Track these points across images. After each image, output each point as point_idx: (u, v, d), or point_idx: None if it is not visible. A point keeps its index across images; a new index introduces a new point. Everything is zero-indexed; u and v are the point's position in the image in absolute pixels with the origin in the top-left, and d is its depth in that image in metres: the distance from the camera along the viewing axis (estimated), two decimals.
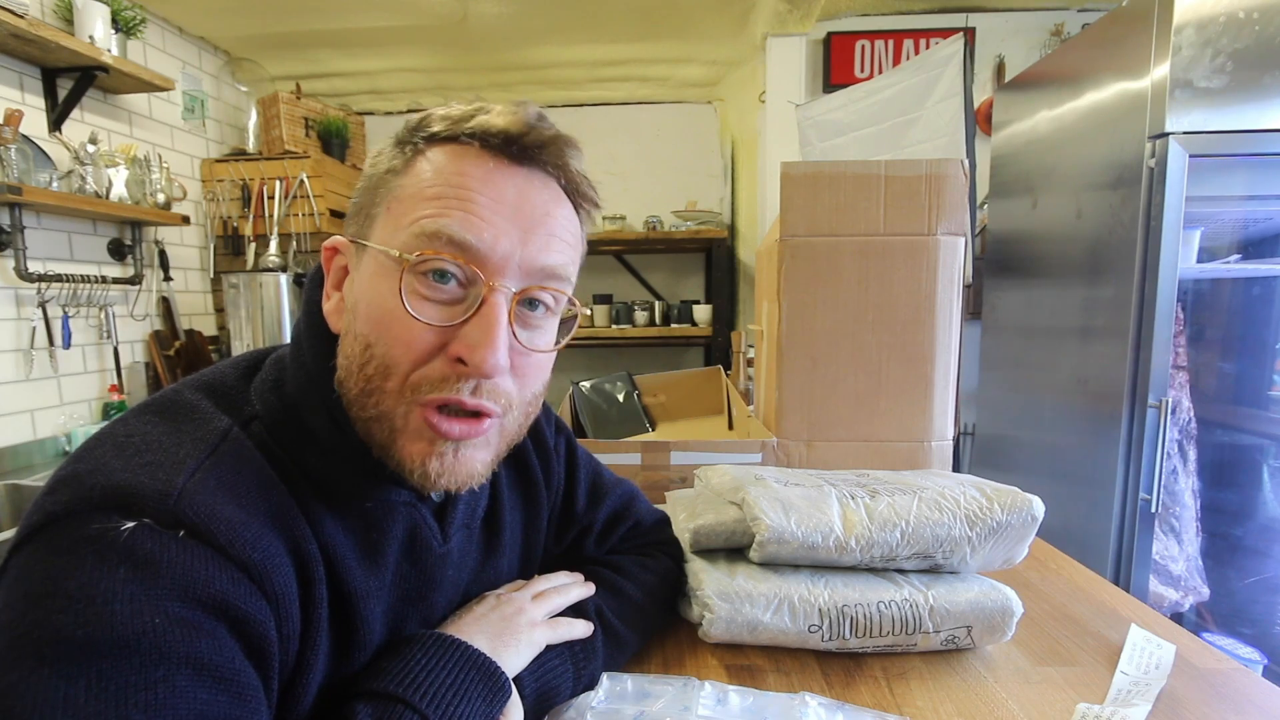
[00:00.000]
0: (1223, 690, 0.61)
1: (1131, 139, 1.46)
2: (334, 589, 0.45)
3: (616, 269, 3.69)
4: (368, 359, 0.44)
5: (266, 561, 0.40)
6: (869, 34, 2.82)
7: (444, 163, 0.45)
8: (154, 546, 0.36)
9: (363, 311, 0.45)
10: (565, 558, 0.72)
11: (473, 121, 0.45)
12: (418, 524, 0.51)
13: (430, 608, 0.53)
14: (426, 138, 0.46)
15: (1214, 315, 1.87)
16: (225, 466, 0.41)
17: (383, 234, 0.45)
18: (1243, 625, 1.70)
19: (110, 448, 0.40)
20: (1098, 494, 1.56)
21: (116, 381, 2.34)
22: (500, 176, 0.45)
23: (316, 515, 0.45)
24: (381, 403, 0.44)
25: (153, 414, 0.44)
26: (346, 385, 0.45)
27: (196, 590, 0.36)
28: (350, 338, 0.45)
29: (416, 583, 0.52)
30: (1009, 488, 0.71)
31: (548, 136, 0.46)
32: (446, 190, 0.44)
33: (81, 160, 2.10)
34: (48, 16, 2.09)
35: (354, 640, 0.47)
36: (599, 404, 1.66)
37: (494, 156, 0.45)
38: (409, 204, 0.44)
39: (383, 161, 0.47)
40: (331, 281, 0.49)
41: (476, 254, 0.43)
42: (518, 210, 0.45)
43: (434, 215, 0.43)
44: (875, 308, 1.08)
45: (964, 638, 0.66)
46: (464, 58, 3.03)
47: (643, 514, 0.77)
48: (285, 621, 0.41)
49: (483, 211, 0.43)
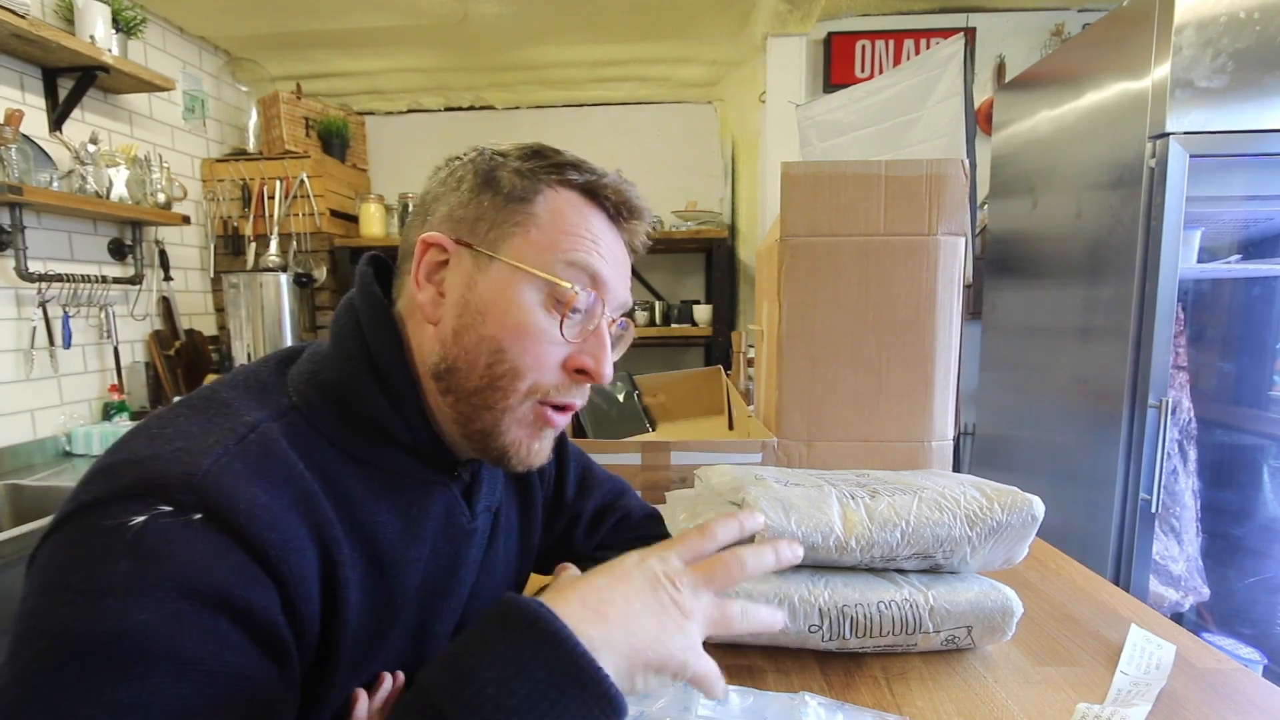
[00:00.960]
0: (1223, 690, 0.61)
1: (1132, 139, 1.46)
2: (370, 563, 0.48)
3: None
4: (498, 359, 0.49)
5: (286, 543, 0.41)
6: (869, 34, 2.82)
7: (577, 208, 0.52)
8: (159, 539, 0.37)
9: (496, 317, 0.50)
10: (556, 551, 0.73)
11: (606, 184, 0.53)
12: (452, 502, 0.56)
13: (458, 583, 0.57)
14: (559, 180, 0.52)
15: (1214, 315, 1.87)
16: (251, 454, 0.43)
17: (522, 253, 0.50)
18: (1243, 625, 1.70)
19: (144, 438, 0.43)
20: (1098, 494, 1.56)
21: (117, 381, 2.34)
22: (612, 234, 0.55)
23: (355, 495, 0.48)
24: (509, 398, 0.50)
25: (186, 409, 0.46)
26: (462, 376, 0.50)
27: (195, 582, 0.37)
28: (473, 336, 0.50)
29: (448, 559, 0.55)
30: (1009, 488, 0.71)
31: (640, 210, 0.56)
32: (583, 232, 0.52)
33: (82, 160, 2.10)
34: (48, 16, 2.09)
35: (390, 611, 0.50)
36: (599, 404, 1.66)
37: (610, 216, 0.54)
38: (550, 234, 0.51)
39: (504, 181, 0.52)
40: (423, 273, 0.52)
41: (604, 289, 0.52)
42: (622, 261, 0.55)
43: (579, 250, 0.51)
44: (875, 308, 1.08)
45: (964, 638, 0.66)
46: (464, 58, 3.03)
47: (632, 508, 0.78)
48: (303, 602, 0.42)
49: (609, 257, 0.53)
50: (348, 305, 0.54)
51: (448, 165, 0.55)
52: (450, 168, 0.55)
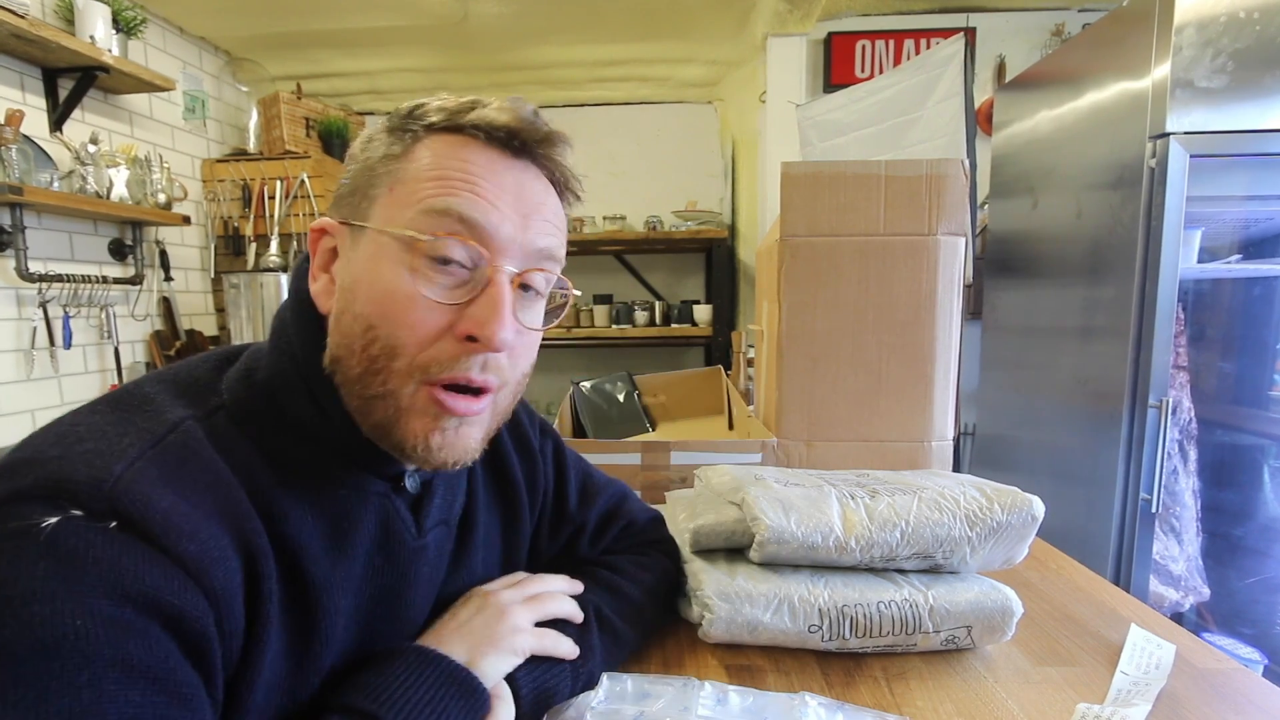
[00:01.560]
0: (1223, 690, 0.61)
1: (1132, 139, 1.46)
2: (292, 580, 0.44)
3: (616, 269, 3.69)
4: (371, 339, 0.44)
5: (204, 555, 0.38)
6: (869, 34, 2.82)
7: (447, 150, 0.46)
8: (78, 541, 0.34)
9: (364, 292, 0.45)
10: (560, 558, 0.72)
11: (474, 114, 0.46)
12: (390, 515, 0.51)
13: (406, 605, 0.53)
14: (425, 126, 0.47)
15: (1214, 315, 1.87)
16: (170, 457, 0.40)
17: (385, 215, 0.46)
18: (1243, 625, 1.70)
19: (52, 437, 0.39)
20: (1098, 494, 1.56)
21: (117, 381, 2.34)
22: (501, 167, 0.47)
23: (281, 505, 0.44)
24: (388, 382, 0.45)
25: (105, 405, 0.43)
26: (345, 365, 0.46)
27: (125, 586, 0.34)
28: (348, 318, 0.45)
29: (390, 578, 0.51)
30: (1009, 488, 0.71)
31: (544, 134, 0.48)
32: (452, 174, 0.45)
33: (82, 160, 2.10)
34: (48, 16, 2.09)
35: (314, 633, 0.45)
36: (599, 404, 1.66)
37: (495, 148, 0.47)
38: (412, 185, 0.45)
39: (378, 147, 0.47)
40: (318, 263, 0.49)
41: (483, 234, 0.45)
42: (517, 198, 0.47)
43: (442, 194, 0.45)
44: (875, 308, 1.08)
45: (964, 638, 0.66)
46: (464, 58, 3.03)
47: (636, 513, 0.78)
48: (227, 618, 0.39)
49: (488, 195, 0.45)
50: (281, 311, 0.51)
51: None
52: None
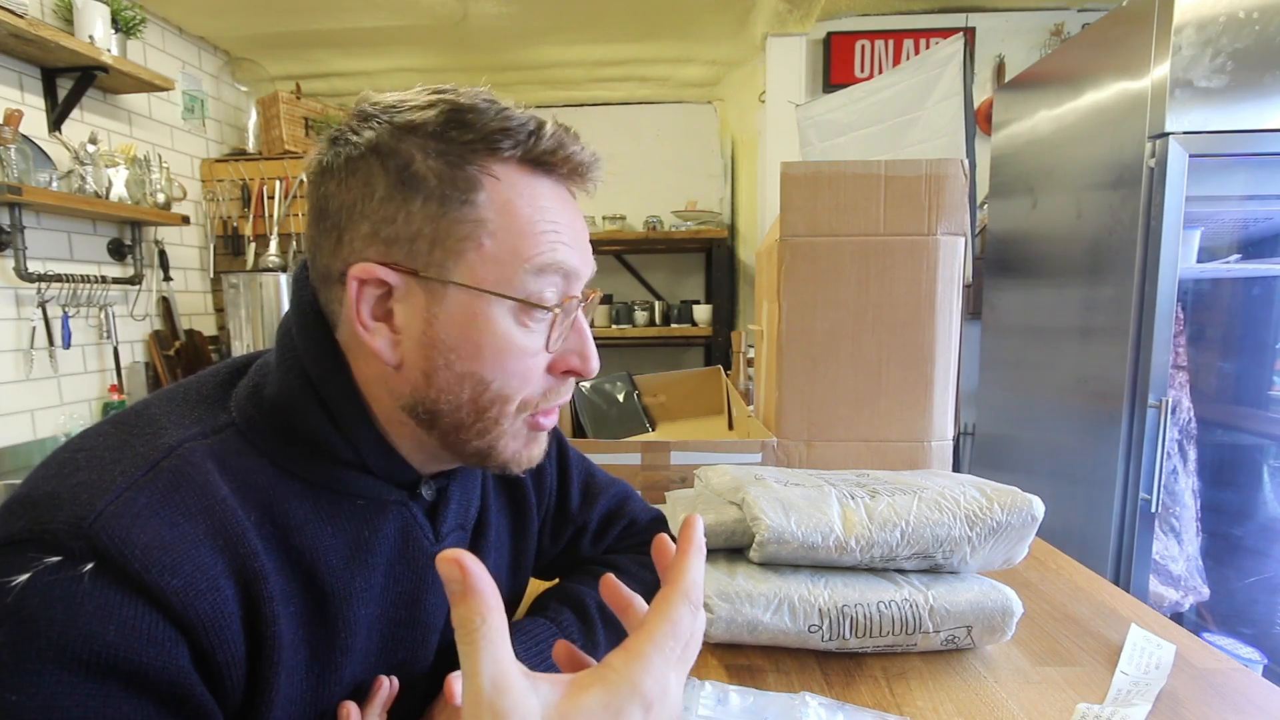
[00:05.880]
0: (1223, 690, 0.61)
1: (1131, 139, 1.46)
2: (310, 594, 0.44)
3: (616, 269, 3.69)
4: (482, 391, 0.46)
5: (189, 588, 0.38)
6: (869, 34, 2.82)
7: (528, 192, 0.45)
8: (40, 602, 0.34)
9: (468, 350, 0.44)
10: (562, 558, 0.72)
11: (553, 151, 0.45)
12: (409, 523, 0.51)
13: (425, 611, 0.52)
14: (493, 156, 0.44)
15: (1214, 315, 1.87)
16: (161, 484, 0.40)
17: (482, 274, 0.44)
18: (1243, 625, 1.70)
19: (53, 468, 0.41)
20: (1098, 494, 1.56)
21: (116, 381, 2.34)
22: (571, 206, 0.48)
23: (297, 518, 0.44)
24: (501, 422, 0.47)
25: (110, 426, 0.44)
26: (445, 414, 0.46)
27: (75, 649, 0.34)
28: (447, 374, 0.45)
29: (410, 584, 0.51)
30: (1009, 488, 0.71)
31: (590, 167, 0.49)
32: (543, 225, 0.45)
33: (81, 160, 2.10)
34: (48, 16, 2.09)
35: (334, 646, 0.45)
36: (599, 404, 1.66)
37: (560, 182, 0.48)
38: (506, 239, 0.44)
39: (428, 177, 0.43)
40: (368, 311, 0.45)
41: (577, 280, 0.48)
42: (584, 234, 0.49)
43: (544, 250, 0.45)
44: (875, 308, 1.08)
45: (964, 638, 0.66)
46: (464, 58, 3.03)
47: (638, 513, 0.78)
48: (220, 648, 0.39)
49: (576, 242, 0.47)
50: (287, 329, 0.48)
51: (338, 151, 0.44)
52: (347, 155, 0.44)
